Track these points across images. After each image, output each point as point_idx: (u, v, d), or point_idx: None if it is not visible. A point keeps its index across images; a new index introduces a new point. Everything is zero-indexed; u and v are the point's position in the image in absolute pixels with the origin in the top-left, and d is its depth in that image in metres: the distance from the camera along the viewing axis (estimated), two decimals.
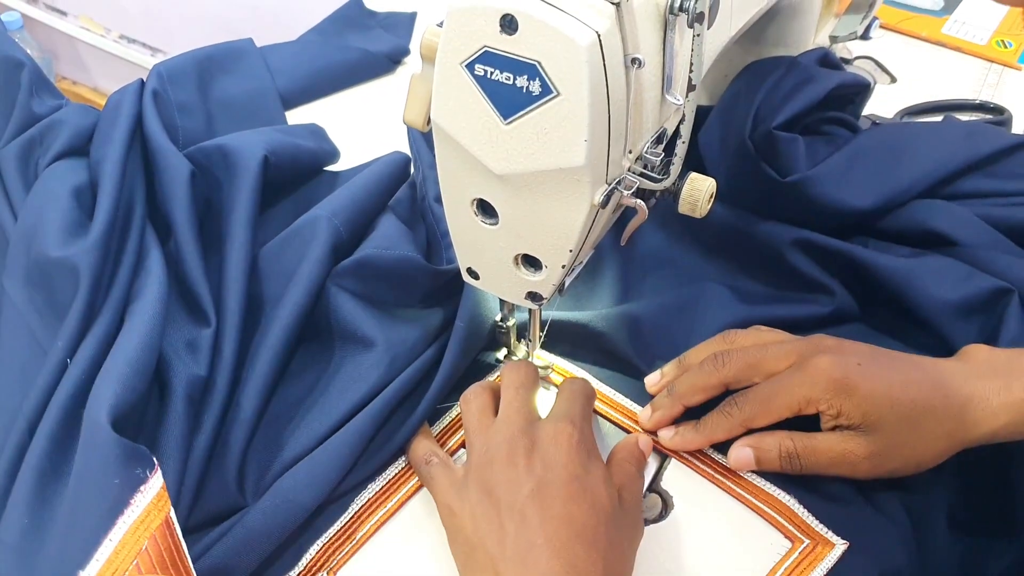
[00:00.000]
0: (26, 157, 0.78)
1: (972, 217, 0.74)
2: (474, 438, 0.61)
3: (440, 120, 0.52)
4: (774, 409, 0.62)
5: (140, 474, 0.54)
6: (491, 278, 0.61)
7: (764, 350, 0.64)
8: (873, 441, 0.60)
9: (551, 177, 0.51)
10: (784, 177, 0.75)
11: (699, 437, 0.65)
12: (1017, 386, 0.59)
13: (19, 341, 0.68)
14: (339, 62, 1.01)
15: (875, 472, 0.61)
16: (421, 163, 0.84)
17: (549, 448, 0.57)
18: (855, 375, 0.60)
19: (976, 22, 1.14)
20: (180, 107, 0.86)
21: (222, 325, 0.69)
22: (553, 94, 0.47)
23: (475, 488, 0.57)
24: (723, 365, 0.64)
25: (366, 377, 0.67)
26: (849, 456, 0.61)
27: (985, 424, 0.59)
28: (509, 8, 0.46)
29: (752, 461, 0.63)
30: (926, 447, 0.60)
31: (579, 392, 0.63)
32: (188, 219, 0.74)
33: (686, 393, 0.66)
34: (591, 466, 0.57)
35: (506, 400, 0.62)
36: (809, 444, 0.62)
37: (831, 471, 0.62)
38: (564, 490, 0.55)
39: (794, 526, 0.62)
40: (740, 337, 0.67)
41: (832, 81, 0.80)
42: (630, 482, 0.60)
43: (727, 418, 0.64)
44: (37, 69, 0.82)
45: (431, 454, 0.63)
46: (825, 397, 0.60)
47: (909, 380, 0.60)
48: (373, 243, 0.73)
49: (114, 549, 0.52)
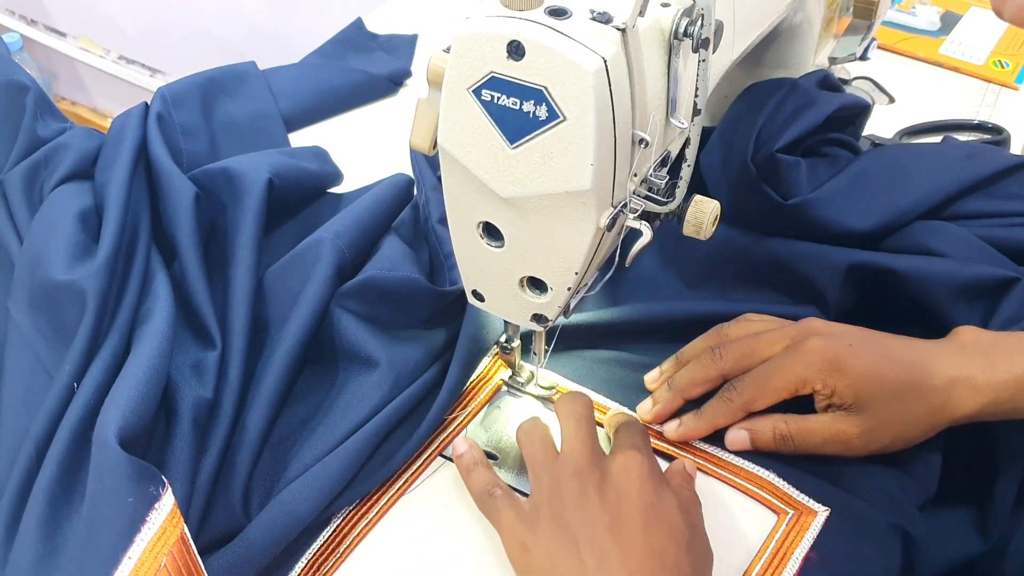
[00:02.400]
0: (31, 181, 0.79)
1: (972, 238, 0.74)
2: (540, 472, 0.60)
3: (447, 144, 0.52)
4: (771, 391, 0.65)
5: (153, 492, 0.55)
6: (496, 300, 0.61)
7: (757, 339, 0.67)
8: (864, 420, 0.62)
9: (557, 200, 0.51)
10: (786, 200, 0.76)
11: (702, 424, 0.67)
12: (1001, 366, 0.61)
13: (24, 365, 0.68)
14: (341, 84, 1.01)
15: (867, 449, 0.63)
16: (424, 185, 0.85)
17: (621, 479, 0.57)
18: (847, 355, 0.63)
19: (973, 42, 1.14)
20: (184, 130, 0.87)
21: (228, 347, 0.69)
22: (560, 119, 0.48)
23: (548, 524, 0.57)
24: (720, 358, 0.67)
25: (369, 397, 0.68)
26: (841, 435, 0.63)
27: (970, 402, 0.61)
28: (516, 35, 0.47)
29: (748, 442, 0.66)
30: (915, 424, 0.62)
31: (636, 427, 0.63)
32: (193, 241, 0.74)
33: (686, 387, 0.68)
34: (663, 493, 0.57)
35: (569, 432, 0.61)
36: (803, 426, 0.64)
37: (825, 450, 0.64)
38: (641, 519, 0.55)
39: (777, 499, 0.65)
40: (731, 329, 0.70)
41: (833, 104, 0.80)
42: (693, 506, 0.60)
43: (727, 403, 0.66)
44: (42, 93, 0.82)
45: (493, 485, 0.62)
46: (819, 377, 0.63)
47: (898, 359, 0.63)
48: (376, 264, 0.74)
49: (133, 567, 0.52)
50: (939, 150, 0.82)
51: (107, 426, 0.57)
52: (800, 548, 0.61)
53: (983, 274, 0.70)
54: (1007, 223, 0.76)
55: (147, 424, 0.60)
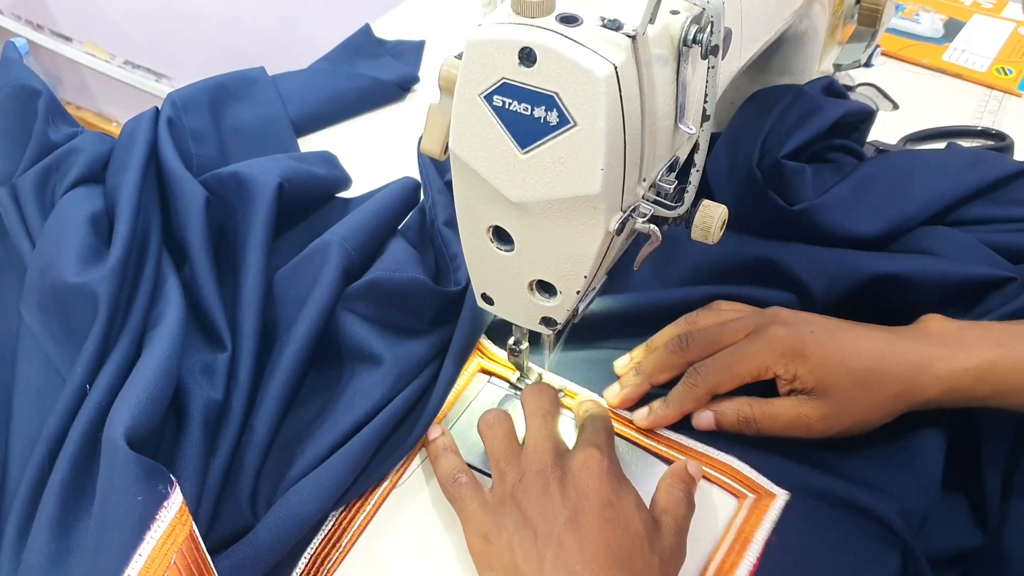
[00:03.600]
0: (43, 185, 0.79)
1: (975, 243, 0.74)
2: (504, 466, 0.62)
3: (458, 150, 0.53)
4: (735, 376, 0.67)
5: (162, 490, 0.56)
6: (505, 304, 0.62)
7: (723, 327, 0.69)
8: (826, 404, 0.64)
9: (567, 205, 0.52)
10: (792, 205, 0.76)
11: (671, 411, 0.69)
12: (962, 355, 0.63)
13: (35, 367, 0.69)
14: (349, 90, 1.02)
15: (827, 432, 0.65)
16: (431, 188, 0.85)
17: (581, 475, 0.59)
18: (809, 342, 0.65)
19: (976, 50, 1.15)
20: (194, 135, 0.87)
21: (237, 349, 0.70)
22: (570, 124, 0.48)
23: (511, 517, 0.59)
24: (687, 346, 0.69)
25: (371, 393, 0.68)
26: (803, 419, 0.65)
27: (930, 389, 0.63)
28: (528, 41, 0.47)
29: (712, 423, 0.68)
30: (875, 409, 0.64)
31: (600, 422, 0.65)
32: (203, 245, 0.75)
33: (652, 372, 0.70)
34: (622, 492, 0.59)
35: (533, 428, 0.63)
36: (766, 409, 0.66)
37: (787, 433, 0.66)
38: (598, 516, 0.57)
39: (738, 482, 0.66)
40: (701, 317, 0.72)
41: (838, 110, 0.81)
42: (675, 506, 0.61)
43: (693, 389, 0.68)
44: (53, 97, 0.83)
45: (459, 471, 0.64)
46: (781, 363, 0.65)
47: (860, 347, 0.64)
48: (382, 266, 0.75)
49: (144, 564, 0.53)
50: (943, 156, 0.83)
51: (116, 426, 0.57)
52: (761, 531, 0.63)
53: (978, 274, 0.71)
54: (1011, 229, 0.76)
55: (156, 424, 0.61)
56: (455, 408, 0.72)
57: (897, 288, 0.72)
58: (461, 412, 0.71)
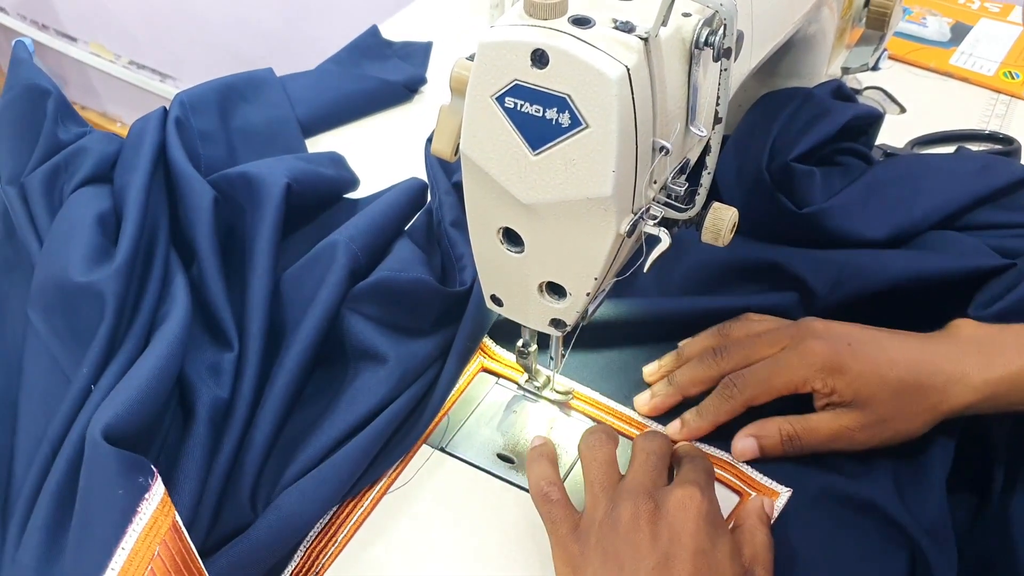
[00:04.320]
0: (51, 184, 0.79)
1: (983, 247, 0.74)
2: (598, 491, 0.59)
3: (469, 151, 0.53)
4: (772, 389, 0.66)
5: (143, 482, 0.55)
6: (515, 305, 0.62)
7: (757, 339, 0.68)
8: (865, 415, 0.64)
9: (578, 207, 0.52)
10: (800, 208, 0.76)
11: (704, 423, 0.68)
12: (998, 363, 0.63)
13: (41, 367, 0.69)
14: (357, 91, 1.02)
15: (869, 443, 0.65)
16: (438, 189, 0.85)
17: (676, 515, 0.56)
18: (846, 355, 0.64)
19: (983, 53, 1.15)
20: (202, 135, 0.88)
21: (245, 349, 0.70)
22: (582, 126, 0.48)
23: (597, 548, 0.56)
24: (721, 359, 0.68)
25: (375, 391, 0.68)
26: (845, 431, 0.65)
27: (967, 397, 0.63)
28: (540, 43, 0.47)
29: (756, 450, 0.67)
30: (913, 419, 0.64)
31: (701, 462, 0.62)
32: (211, 245, 0.75)
33: (687, 385, 0.69)
34: (718, 540, 0.56)
35: (638, 462, 0.61)
36: (807, 425, 0.65)
37: (830, 447, 0.66)
38: (690, 566, 0.53)
39: (741, 481, 0.66)
40: (733, 329, 0.71)
41: (847, 114, 0.81)
42: (763, 552, 0.59)
43: (729, 401, 0.67)
44: (62, 97, 0.83)
45: (551, 484, 0.61)
46: (819, 377, 0.64)
47: (896, 359, 0.64)
48: (387, 266, 0.74)
49: (127, 557, 0.53)
50: (953, 161, 0.83)
51: (95, 423, 0.57)
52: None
53: (981, 265, 0.71)
54: (1019, 234, 0.76)
55: (148, 422, 0.61)
56: (462, 409, 0.72)
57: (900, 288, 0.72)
58: (469, 413, 0.71)
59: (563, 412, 0.71)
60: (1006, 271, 0.71)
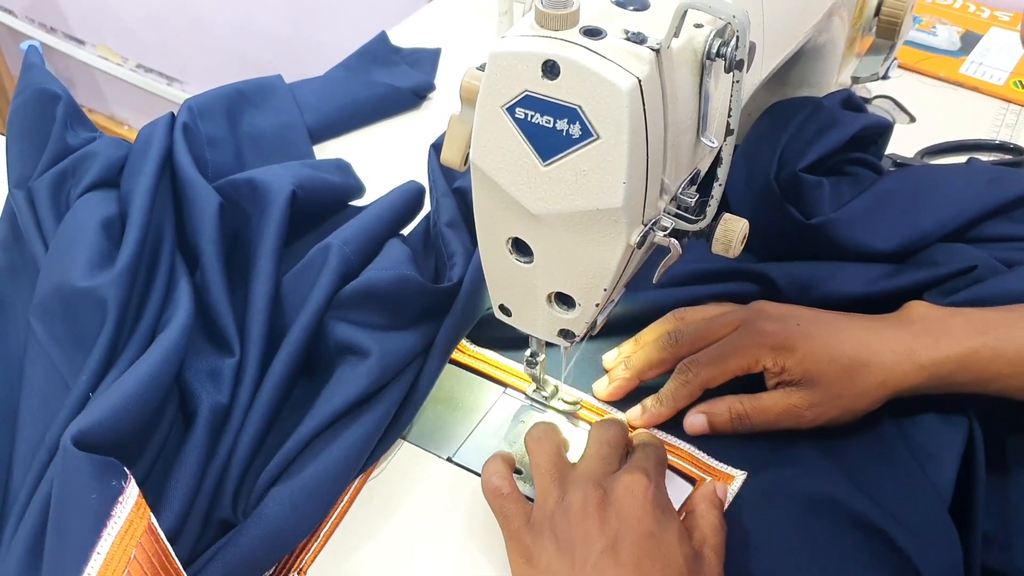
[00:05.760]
0: (58, 188, 0.79)
1: (992, 261, 0.74)
2: (548, 482, 0.60)
3: (479, 161, 0.53)
4: (727, 370, 0.68)
5: (116, 486, 0.55)
6: (524, 315, 0.61)
7: (711, 323, 0.70)
8: (814, 394, 0.66)
9: (588, 217, 0.52)
10: (809, 219, 0.76)
11: (665, 409, 0.69)
12: (944, 343, 0.64)
13: (41, 372, 0.68)
14: (365, 97, 1.02)
15: (817, 421, 0.66)
16: (436, 191, 0.85)
17: (624, 500, 0.57)
18: (796, 335, 0.67)
19: (993, 63, 1.15)
20: (210, 140, 0.87)
21: (245, 355, 0.69)
22: (593, 137, 0.48)
23: (550, 537, 0.57)
24: (676, 342, 0.70)
25: (355, 383, 0.67)
26: (793, 410, 0.66)
27: (913, 376, 0.64)
28: (551, 54, 0.47)
29: (706, 426, 0.68)
30: (861, 397, 0.66)
31: (652, 449, 0.63)
32: (215, 250, 0.75)
33: (642, 368, 0.71)
34: (666, 523, 0.57)
35: (590, 451, 0.62)
36: (757, 404, 0.67)
37: (778, 425, 0.67)
38: (638, 548, 0.55)
39: (696, 468, 0.68)
40: (688, 313, 0.72)
41: (856, 124, 0.80)
42: (713, 535, 0.60)
43: (685, 385, 0.69)
44: (72, 102, 0.83)
45: (502, 479, 0.62)
46: (770, 356, 0.66)
47: (844, 337, 0.66)
48: (375, 265, 0.74)
49: (103, 562, 0.52)
50: (963, 172, 0.82)
51: (69, 429, 0.56)
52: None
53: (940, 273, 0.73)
54: None
55: (132, 428, 0.60)
56: (470, 419, 0.72)
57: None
58: (476, 424, 0.71)
59: (571, 422, 0.71)
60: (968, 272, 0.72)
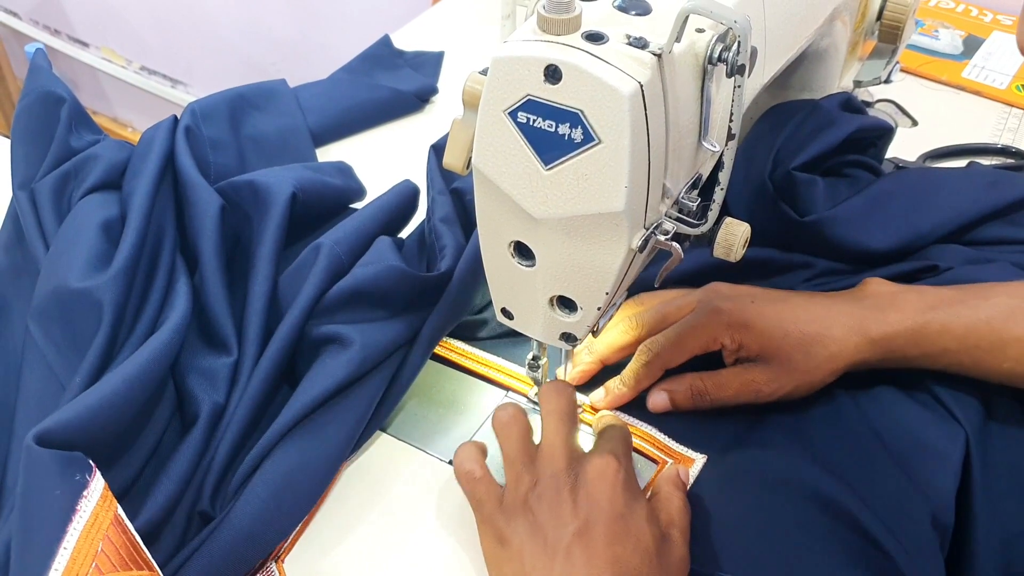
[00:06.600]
0: (60, 190, 0.79)
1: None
2: (519, 467, 0.61)
3: (481, 165, 0.53)
4: (686, 350, 0.70)
5: (80, 480, 0.54)
6: (525, 319, 0.62)
7: (668, 304, 0.72)
8: (771, 368, 0.68)
9: (590, 221, 0.52)
10: (803, 217, 0.76)
11: (627, 390, 0.71)
12: (894, 318, 0.67)
13: (36, 374, 0.68)
14: (368, 100, 1.02)
15: (775, 395, 0.68)
16: (433, 190, 0.85)
17: (594, 484, 0.59)
18: (751, 312, 0.69)
19: (996, 67, 1.15)
20: (213, 143, 0.87)
21: (242, 355, 0.70)
22: (595, 141, 0.48)
23: (523, 522, 0.59)
24: (637, 325, 0.72)
25: (335, 373, 0.67)
26: (752, 384, 0.68)
27: (865, 350, 0.67)
28: (553, 59, 0.47)
29: (668, 403, 0.70)
30: (816, 370, 0.67)
31: (619, 431, 0.65)
32: (215, 251, 0.74)
33: (605, 352, 0.72)
34: (635, 505, 0.59)
35: (549, 429, 0.63)
36: (716, 380, 0.69)
37: (738, 400, 0.69)
38: (609, 530, 0.57)
39: (658, 450, 0.70)
40: (648, 298, 0.74)
41: (853, 125, 0.81)
42: (679, 516, 0.61)
43: (646, 366, 0.70)
44: (77, 104, 0.83)
45: (474, 463, 0.63)
46: (727, 333, 0.68)
47: (798, 313, 0.68)
48: (362, 261, 0.74)
49: (70, 556, 0.52)
50: (963, 175, 0.82)
51: (34, 428, 0.56)
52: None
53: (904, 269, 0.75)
54: None
55: (108, 427, 0.60)
56: (470, 422, 0.72)
57: None
58: (478, 427, 0.71)
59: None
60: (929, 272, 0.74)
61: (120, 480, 0.62)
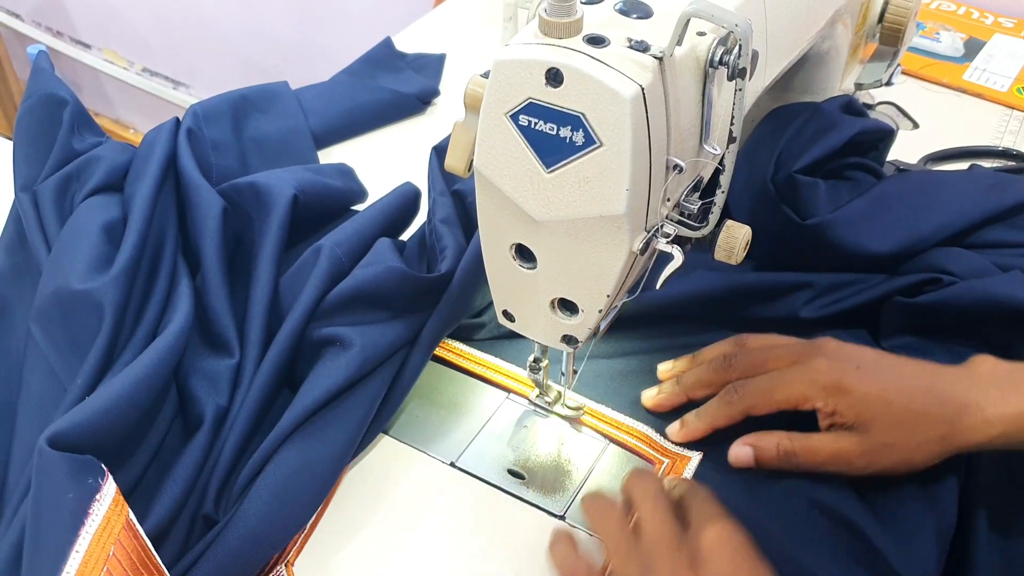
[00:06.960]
0: (62, 192, 0.79)
1: (989, 266, 0.74)
2: (626, 560, 0.57)
3: (483, 167, 0.53)
4: (772, 401, 0.66)
5: (93, 484, 0.55)
6: (527, 321, 0.62)
7: (770, 352, 0.68)
8: (866, 440, 0.63)
9: (591, 224, 0.52)
10: (804, 220, 0.76)
11: (702, 425, 0.69)
12: (1013, 399, 0.61)
13: (38, 376, 0.68)
14: (370, 102, 1.02)
15: (868, 470, 0.64)
16: (434, 191, 0.85)
17: (714, 558, 0.54)
18: (851, 378, 0.64)
19: (997, 69, 1.15)
20: (214, 145, 0.88)
21: (244, 358, 0.70)
22: (596, 144, 0.49)
23: None
24: (730, 366, 0.69)
25: (335, 375, 0.67)
26: (843, 455, 0.64)
27: (979, 432, 0.61)
28: (555, 62, 0.47)
29: (751, 459, 0.67)
30: (918, 449, 0.63)
31: (700, 490, 0.61)
32: (217, 253, 0.75)
33: (692, 386, 0.70)
34: (760, 568, 0.55)
35: (647, 512, 0.58)
36: (806, 444, 0.65)
37: (827, 468, 0.65)
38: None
39: (654, 450, 0.69)
40: (751, 340, 0.71)
41: (854, 128, 0.81)
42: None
43: (727, 406, 0.67)
44: (80, 107, 0.84)
45: (578, 563, 0.59)
46: (821, 396, 0.64)
47: (905, 385, 0.63)
48: (360, 264, 0.74)
49: (82, 560, 0.52)
50: (964, 178, 0.82)
51: (46, 431, 0.56)
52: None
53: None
54: None
55: (115, 430, 0.60)
56: (472, 424, 0.72)
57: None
58: (479, 430, 0.71)
59: (574, 428, 0.71)
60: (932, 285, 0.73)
61: (124, 482, 0.62)
